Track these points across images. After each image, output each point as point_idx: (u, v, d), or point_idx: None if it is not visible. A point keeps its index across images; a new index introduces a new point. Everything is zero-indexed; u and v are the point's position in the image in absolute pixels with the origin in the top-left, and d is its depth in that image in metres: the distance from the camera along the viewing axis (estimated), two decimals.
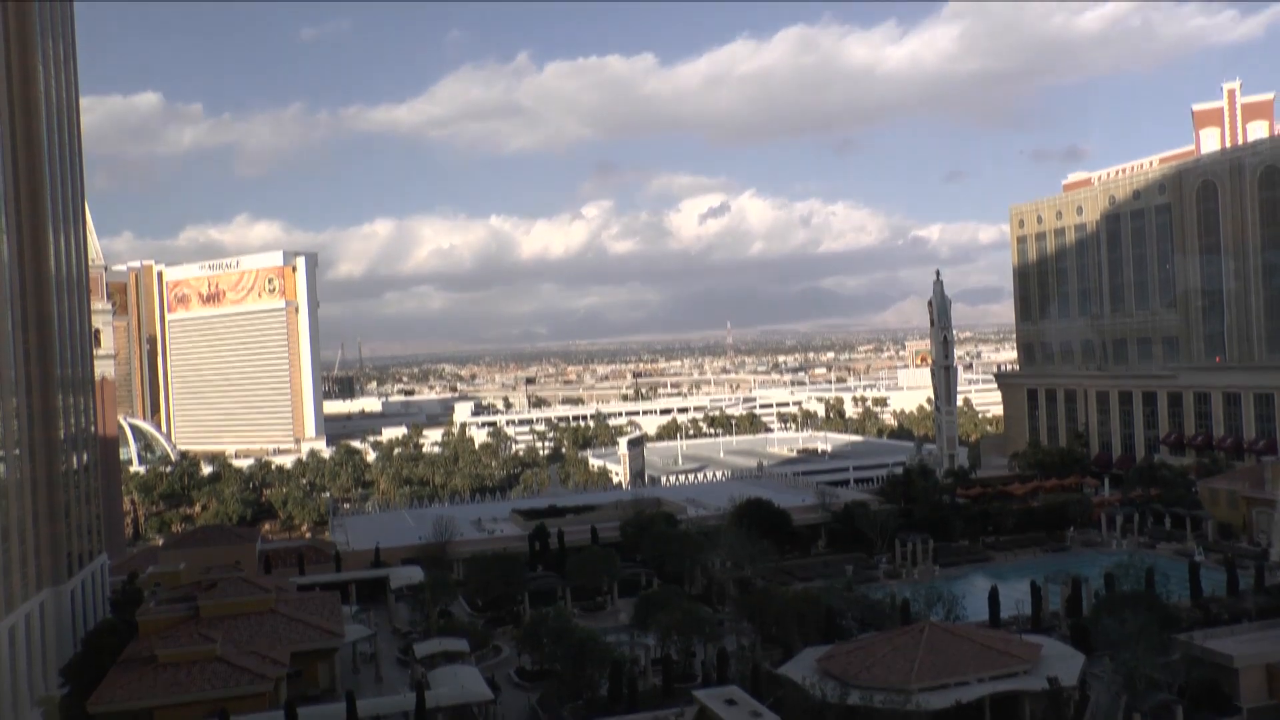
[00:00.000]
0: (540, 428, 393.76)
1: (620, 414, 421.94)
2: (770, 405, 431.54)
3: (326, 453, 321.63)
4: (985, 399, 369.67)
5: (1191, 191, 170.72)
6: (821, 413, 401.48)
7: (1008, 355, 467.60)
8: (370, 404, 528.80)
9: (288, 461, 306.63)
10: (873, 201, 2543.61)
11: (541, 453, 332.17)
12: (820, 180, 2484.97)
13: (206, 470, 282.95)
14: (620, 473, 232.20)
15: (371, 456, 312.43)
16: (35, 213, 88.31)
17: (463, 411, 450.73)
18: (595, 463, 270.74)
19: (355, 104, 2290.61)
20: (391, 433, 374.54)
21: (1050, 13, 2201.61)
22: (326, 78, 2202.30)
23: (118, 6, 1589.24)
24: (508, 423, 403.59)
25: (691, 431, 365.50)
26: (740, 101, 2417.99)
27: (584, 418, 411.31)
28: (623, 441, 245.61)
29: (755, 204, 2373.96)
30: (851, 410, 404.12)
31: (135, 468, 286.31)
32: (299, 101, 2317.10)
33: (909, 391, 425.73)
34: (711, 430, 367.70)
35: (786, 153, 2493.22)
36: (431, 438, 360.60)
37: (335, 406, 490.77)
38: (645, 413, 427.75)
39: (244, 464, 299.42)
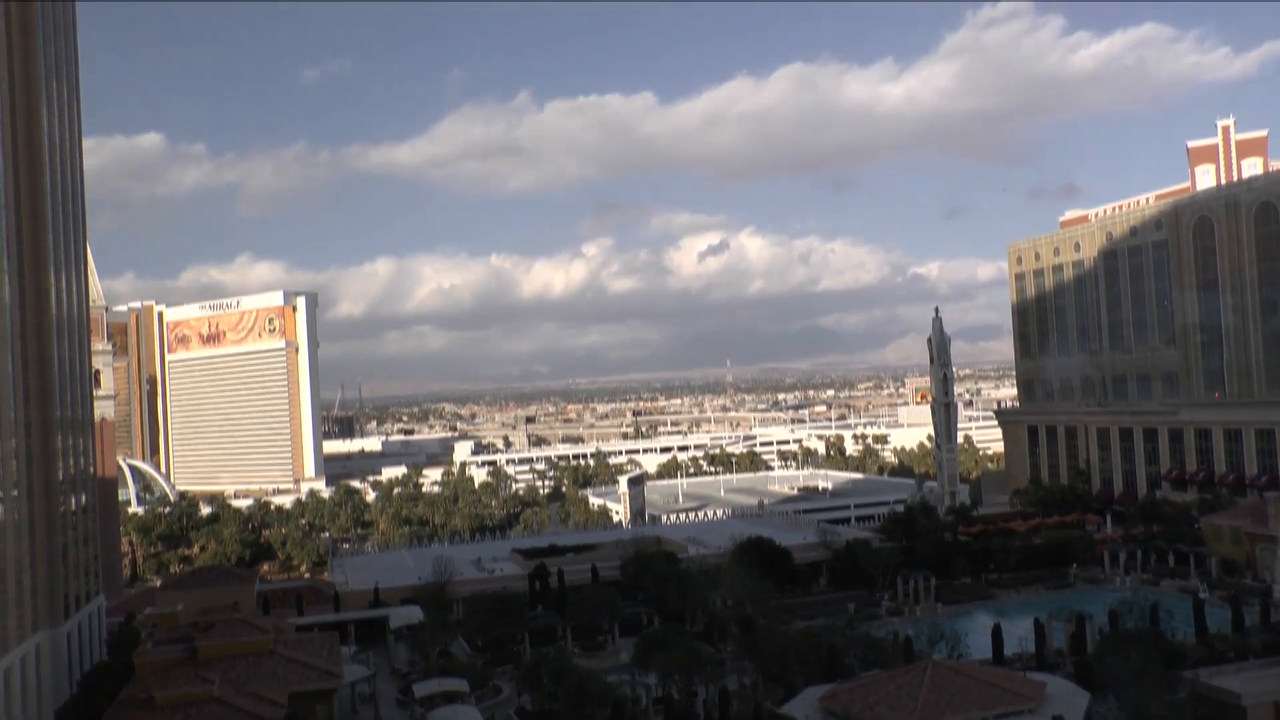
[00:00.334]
0: (540, 467, 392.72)
1: (620, 452, 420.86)
2: (770, 443, 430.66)
3: (326, 493, 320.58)
4: (986, 436, 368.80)
5: (1188, 228, 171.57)
6: (822, 450, 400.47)
7: (1008, 392, 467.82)
8: (370, 444, 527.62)
9: (287, 502, 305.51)
10: (872, 239, 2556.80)
11: (541, 492, 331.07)
12: (819, 218, 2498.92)
13: (205, 511, 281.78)
14: (621, 511, 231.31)
15: (371, 496, 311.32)
16: (37, 254, 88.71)
17: (462, 451, 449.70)
18: (595, 501, 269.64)
19: (357, 143, 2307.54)
20: (391, 472, 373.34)
21: (1045, 51, 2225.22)
22: (328, 118, 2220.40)
23: (122, 48, 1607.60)
24: (508, 462, 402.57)
25: (692, 470, 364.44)
26: (739, 139, 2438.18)
27: (584, 456, 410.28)
28: (623, 480, 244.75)
29: (754, 242, 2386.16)
30: (852, 448, 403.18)
31: (134, 508, 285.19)
32: (301, 141, 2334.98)
33: (909, 429, 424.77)
34: (712, 468, 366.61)
35: (785, 190, 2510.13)
36: (431, 477, 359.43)
37: (335, 446, 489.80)
38: (645, 451, 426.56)
39: (243, 504, 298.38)
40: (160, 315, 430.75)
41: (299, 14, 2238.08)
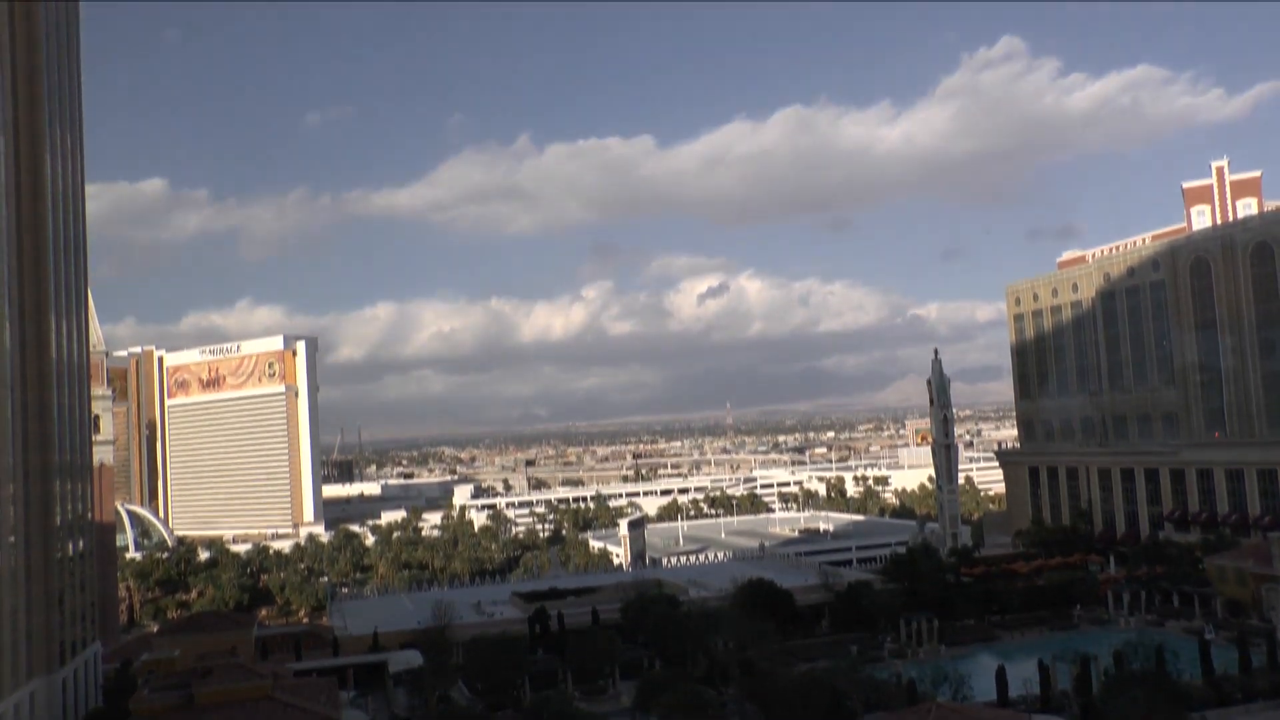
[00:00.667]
0: (540, 510, 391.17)
1: (620, 495, 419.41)
2: (771, 485, 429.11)
3: (325, 537, 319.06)
4: (987, 477, 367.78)
5: (1185, 268, 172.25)
6: (823, 492, 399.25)
7: (1008, 433, 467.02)
8: (369, 488, 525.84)
9: (286, 546, 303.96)
10: (870, 281, 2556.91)
11: (542, 535, 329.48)
12: (818, 260, 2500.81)
13: (203, 556, 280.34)
14: (621, 554, 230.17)
15: (370, 540, 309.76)
16: (39, 301, 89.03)
17: (462, 494, 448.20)
18: (596, 544, 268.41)
19: (358, 188, 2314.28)
20: (390, 516, 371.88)
21: (1041, 92, 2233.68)
22: (329, 162, 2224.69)
23: (127, 94, 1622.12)
24: (507, 505, 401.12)
25: (692, 512, 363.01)
26: (738, 182, 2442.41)
27: (584, 499, 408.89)
28: (623, 523, 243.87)
29: (754, 284, 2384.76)
30: (853, 489, 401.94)
31: (131, 554, 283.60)
32: (302, 186, 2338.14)
33: (910, 470, 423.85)
34: (712, 511, 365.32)
35: (784, 232, 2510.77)
36: (431, 521, 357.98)
37: (334, 490, 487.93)
38: (646, 494, 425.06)
39: (242, 549, 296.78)
40: (160, 360, 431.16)
41: (302, 59, 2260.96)
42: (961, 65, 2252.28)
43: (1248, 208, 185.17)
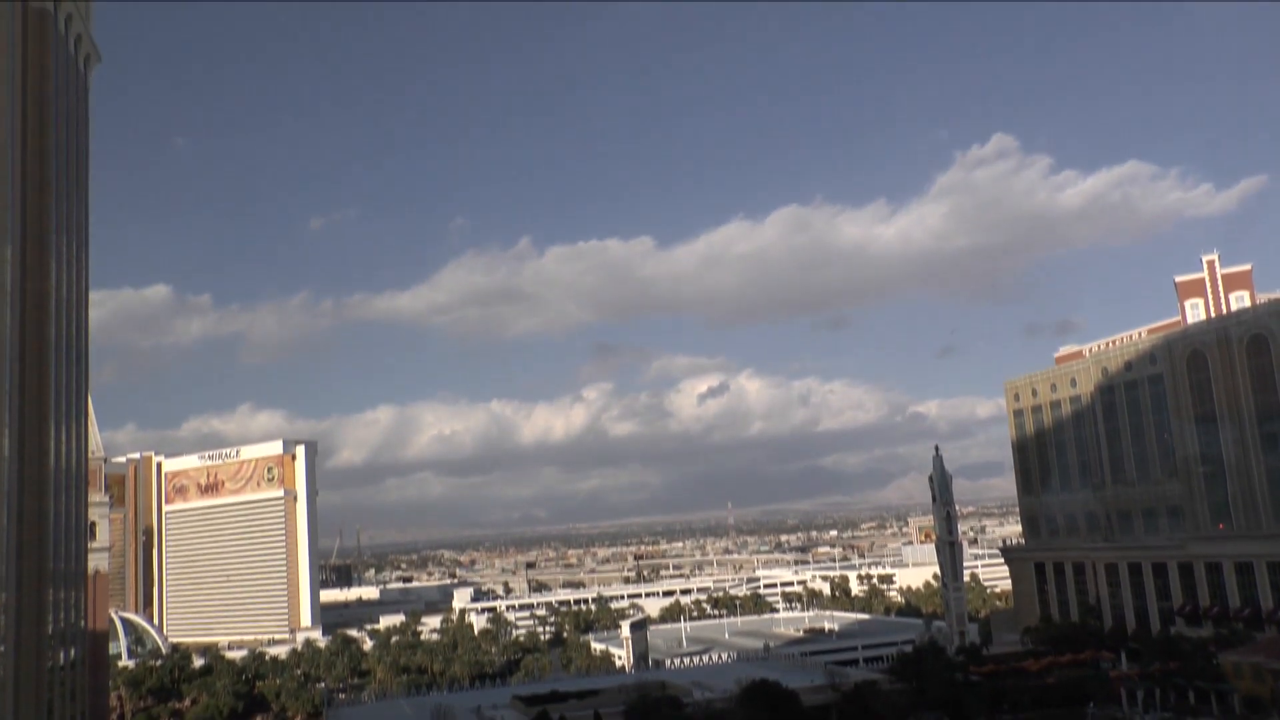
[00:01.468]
0: (541, 612, 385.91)
1: (622, 597, 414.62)
2: (774, 585, 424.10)
3: (322, 642, 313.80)
4: (993, 574, 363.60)
5: (1182, 361, 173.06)
6: (827, 591, 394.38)
7: (1012, 529, 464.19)
8: (368, 592, 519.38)
9: (282, 652, 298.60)
10: (870, 378, 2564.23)
11: (542, 637, 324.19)
12: (817, 358, 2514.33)
13: (198, 663, 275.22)
14: (623, 656, 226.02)
15: (368, 645, 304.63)
16: (39, 408, 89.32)
17: (462, 597, 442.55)
18: (597, 646, 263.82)
19: (360, 292, 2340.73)
20: (389, 620, 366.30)
21: (1034, 189, 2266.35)
22: (332, 266, 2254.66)
23: (132, 202, 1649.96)
24: (508, 608, 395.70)
25: (695, 613, 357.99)
26: (736, 281, 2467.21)
27: (585, 601, 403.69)
28: (625, 624, 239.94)
29: (753, 383, 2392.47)
30: (857, 588, 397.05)
31: (124, 661, 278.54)
32: (305, 290, 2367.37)
33: (915, 568, 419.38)
34: (715, 611, 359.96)
35: (783, 331, 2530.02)
36: (430, 624, 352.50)
37: (332, 595, 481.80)
38: (648, 595, 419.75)
39: (237, 655, 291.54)
40: (159, 466, 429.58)
41: (306, 165, 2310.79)
42: (955, 163, 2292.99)
43: (1240, 300, 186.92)
